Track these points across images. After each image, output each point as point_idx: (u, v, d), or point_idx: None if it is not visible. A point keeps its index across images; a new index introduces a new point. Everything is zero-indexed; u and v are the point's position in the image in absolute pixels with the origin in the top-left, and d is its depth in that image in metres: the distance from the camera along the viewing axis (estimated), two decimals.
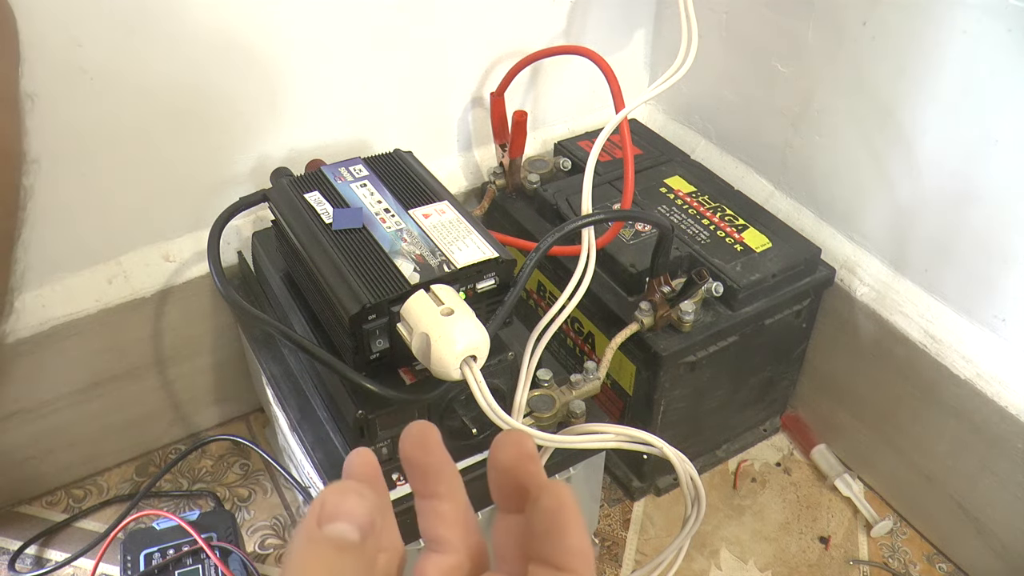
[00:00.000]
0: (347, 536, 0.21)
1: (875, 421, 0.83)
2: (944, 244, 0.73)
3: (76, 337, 0.76)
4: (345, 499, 0.22)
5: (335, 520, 0.21)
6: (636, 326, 0.72)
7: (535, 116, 0.94)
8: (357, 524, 0.22)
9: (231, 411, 0.92)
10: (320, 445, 0.65)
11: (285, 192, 0.66)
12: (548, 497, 0.24)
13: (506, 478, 0.26)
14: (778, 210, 0.85)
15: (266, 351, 0.73)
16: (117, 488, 0.85)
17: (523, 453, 0.26)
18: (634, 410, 0.79)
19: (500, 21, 0.85)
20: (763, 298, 0.76)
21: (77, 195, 0.72)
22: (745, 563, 0.80)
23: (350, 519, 0.22)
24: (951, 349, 0.73)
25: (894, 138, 0.74)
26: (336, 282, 0.58)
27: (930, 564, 0.80)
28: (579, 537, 0.24)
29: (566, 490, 0.25)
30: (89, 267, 0.76)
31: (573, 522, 0.24)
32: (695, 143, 0.96)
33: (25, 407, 0.77)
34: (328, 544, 0.21)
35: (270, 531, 0.81)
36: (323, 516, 0.21)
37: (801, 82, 0.81)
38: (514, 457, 0.26)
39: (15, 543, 0.78)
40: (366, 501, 0.22)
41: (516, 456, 0.26)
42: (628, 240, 0.79)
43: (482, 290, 0.59)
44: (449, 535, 0.27)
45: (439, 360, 0.51)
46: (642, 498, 0.85)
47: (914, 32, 0.69)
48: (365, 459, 0.27)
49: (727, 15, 0.86)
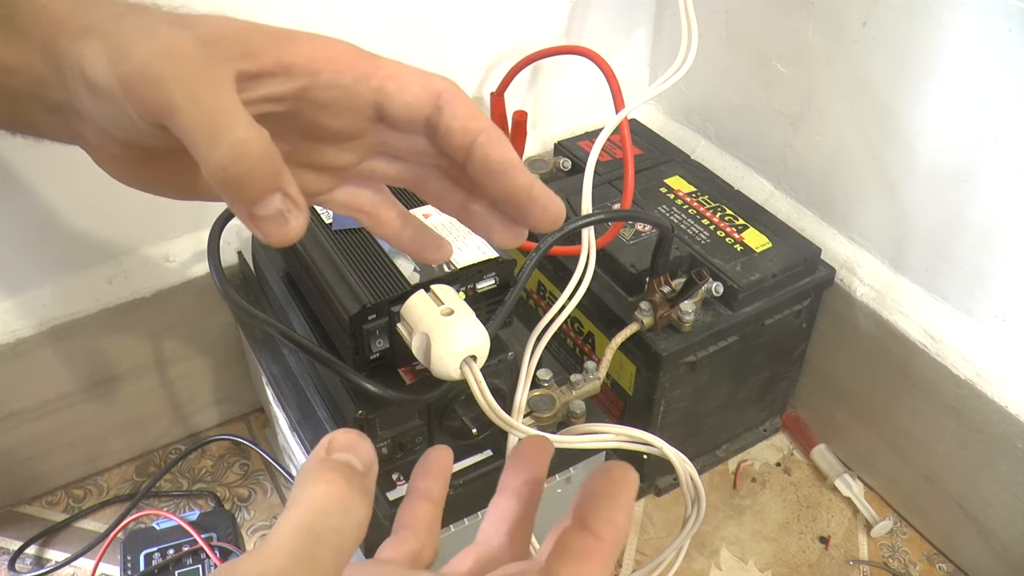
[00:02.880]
0: (353, 463, 0.23)
1: (875, 421, 0.83)
2: (944, 244, 0.73)
3: (76, 337, 0.76)
4: (350, 437, 0.24)
5: (342, 451, 0.24)
6: (636, 326, 0.72)
7: (535, 116, 0.94)
8: (360, 459, 0.24)
9: (231, 411, 0.92)
10: None
11: None
12: (619, 470, 0.27)
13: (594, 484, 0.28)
14: (778, 210, 0.85)
15: (266, 351, 0.73)
16: (117, 488, 0.85)
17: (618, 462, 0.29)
18: (634, 410, 0.79)
19: (500, 21, 0.85)
20: (763, 298, 0.76)
21: (77, 195, 0.72)
22: (745, 563, 0.80)
23: (355, 453, 0.24)
24: (951, 349, 0.73)
25: (894, 138, 0.74)
26: (336, 282, 0.58)
27: (930, 564, 0.80)
28: (624, 515, 0.26)
29: (635, 476, 0.27)
30: (89, 267, 0.76)
31: (626, 501, 0.26)
32: (695, 143, 0.96)
33: (25, 407, 0.77)
34: (336, 466, 0.23)
35: (270, 531, 0.81)
36: (332, 447, 0.24)
37: (801, 82, 0.81)
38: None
39: (15, 543, 0.79)
40: (368, 444, 0.24)
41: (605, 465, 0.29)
42: (628, 240, 0.79)
43: (482, 290, 0.59)
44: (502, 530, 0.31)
45: (439, 360, 0.51)
46: (642, 498, 0.85)
47: (914, 32, 0.69)
48: (444, 455, 0.32)
49: (727, 15, 0.86)
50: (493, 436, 0.64)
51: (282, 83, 0.28)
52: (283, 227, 0.26)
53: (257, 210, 0.26)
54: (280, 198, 0.26)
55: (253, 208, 0.26)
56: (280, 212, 0.26)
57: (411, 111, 0.29)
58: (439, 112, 0.29)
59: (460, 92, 0.30)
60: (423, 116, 0.29)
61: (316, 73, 0.28)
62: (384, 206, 0.34)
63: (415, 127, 0.30)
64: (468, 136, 0.29)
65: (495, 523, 0.31)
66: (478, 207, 0.33)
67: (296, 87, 0.28)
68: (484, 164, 0.29)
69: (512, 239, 0.33)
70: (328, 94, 0.29)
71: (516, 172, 0.30)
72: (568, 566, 0.24)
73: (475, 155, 0.29)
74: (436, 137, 0.30)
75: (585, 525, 0.25)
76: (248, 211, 0.26)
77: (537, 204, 0.30)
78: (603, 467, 0.27)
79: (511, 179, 0.29)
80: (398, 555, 0.29)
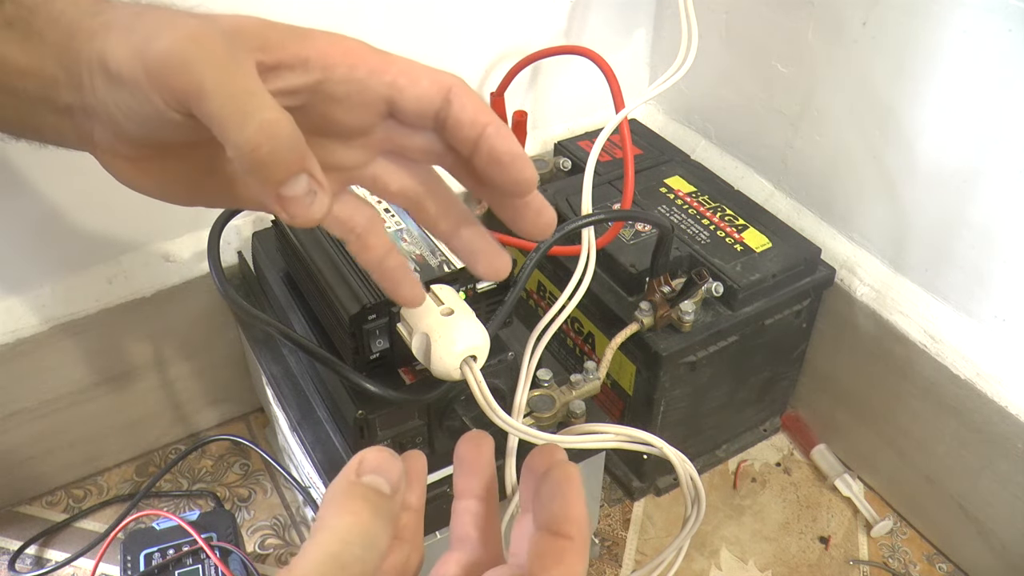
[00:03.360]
0: (381, 487, 0.25)
1: (875, 421, 0.83)
2: (944, 244, 0.73)
3: (76, 337, 0.76)
4: (382, 457, 0.25)
5: (372, 473, 0.25)
6: (636, 326, 0.72)
7: (535, 116, 0.94)
8: (389, 480, 0.25)
9: (231, 411, 0.92)
10: (320, 445, 0.65)
11: None
12: (558, 470, 0.28)
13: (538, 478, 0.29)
14: (778, 210, 0.85)
15: (266, 351, 0.73)
16: (117, 488, 0.85)
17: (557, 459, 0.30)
18: (634, 410, 0.79)
19: (500, 21, 0.85)
20: (763, 298, 0.76)
21: (77, 195, 0.72)
22: (745, 563, 0.80)
23: (385, 474, 0.25)
24: (951, 349, 0.73)
25: (894, 138, 0.74)
26: (336, 282, 0.58)
27: (930, 564, 0.80)
28: (579, 508, 0.27)
29: (574, 468, 0.28)
30: (89, 267, 0.76)
31: (575, 495, 0.27)
32: (695, 143, 0.96)
33: (25, 407, 0.77)
34: (364, 491, 0.24)
35: (270, 531, 0.81)
36: (362, 468, 0.25)
37: (801, 82, 0.81)
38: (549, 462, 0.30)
39: (15, 543, 0.79)
40: (398, 463, 0.26)
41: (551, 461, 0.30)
42: (628, 240, 0.79)
43: (482, 290, 0.59)
44: (475, 534, 0.31)
45: (439, 360, 0.51)
46: (642, 498, 0.85)
47: (914, 32, 0.69)
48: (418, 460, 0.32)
49: (727, 15, 0.86)
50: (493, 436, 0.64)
51: (298, 76, 0.29)
52: (309, 208, 0.27)
53: (284, 191, 0.26)
54: (306, 179, 0.26)
55: (281, 189, 0.26)
56: (307, 192, 0.27)
57: (422, 104, 0.30)
58: (448, 106, 0.30)
59: (468, 88, 0.31)
60: (433, 110, 0.30)
61: (331, 67, 0.29)
62: (375, 233, 0.34)
63: (425, 121, 0.31)
64: (476, 128, 0.30)
65: (465, 528, 0.31)
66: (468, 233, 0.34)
67: (312, 80, 0.29)
68: (491, 155, 0.30)
69: (494, 271, 0.35)
70: (342, 88, 0.29)
71: (523, 164, 0.30)
72: (549, 569, 0.25)
73: (482, 147, 0.30)
74: (445, 130, 0.31)
75: (551, 531, 0.26)
76: (275, 192, 0.26)
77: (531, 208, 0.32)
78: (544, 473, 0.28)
79: (518, 170, 0.30)
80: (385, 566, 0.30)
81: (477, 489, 0.32)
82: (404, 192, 0.34)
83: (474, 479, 0.32)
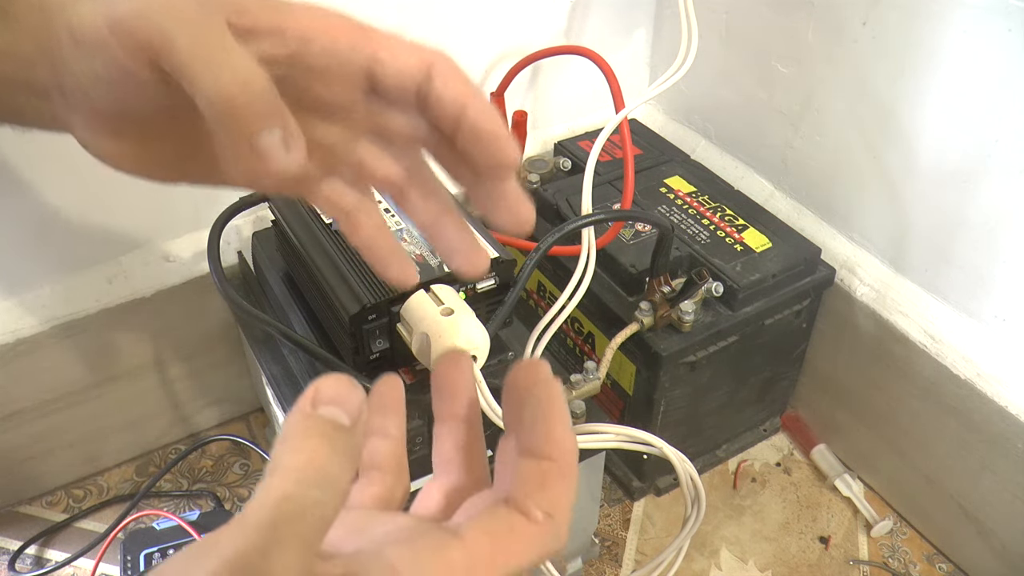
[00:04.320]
0: (339, 419, 0.22)
1: (875, 421, 0.83)
2: (944, 244, 0.73)
3: (76, 337, 0.76)
4: (339, 386, 0.23)
5: (329, 403, 0.22)
6: (636, 326, 0.72)
7: (535, 116, 0.94)
8: (348, 411, 0.22)
9: (231, 411, 0.92)
10: None
11: None
12: (541, 388, 0.26)
13: (521, 398, 0.27)
14: (778, 210, 0.85)
15: (266, 351, 0.73)
16: (117, 488, 0.85)
17: (541, 377, 0.27)
18: (634, 410, 0.79)
19: (500, 21, 0.85)
20: (763, 298, 0.76)
21: (77, 195, 0.72)
22: (745, 563, 0.80)
23: (343, 405, 0.22)
24: (951, 349, 0.73)
25: (894, 138, 0.74)
26: (336, 282, 0.58)
27: (930, 564, 0.80)
28: (563, 429, 0.25)
29: (557, 387, 0.26)
30: (89, 267, 0.76)
31: (558, 416, 0.26)
32: (695, 143, 0.96)
33: (25, 407, 0.77)
34: (320, 424, 0.22)
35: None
36: (318, 399, 0.22)
37: (801, 82, 0.81)
38: (532, 380, 0.27)
39: (15, 543, 0.79)
40: (358, 392, 0.23)
41: (534, 379, 0.27)
42: (628, 240, 0.79)
43: (482, 290, 0.59)
44: (458, 458, 0.29)
45: None
46: (642, 498, 0.85)
47: (914, 32, 0.69)
48: (393, 387, 0.30)
49: (727, 15, 0.86)
50: (493, 436, 0.64)
51: (274, 46, 0.28)
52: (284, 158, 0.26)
53: (258, 141, 0.25)
54: (280, 132, 0.25)
55: (254, 139, 0.25)
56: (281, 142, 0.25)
57: (403, 78, 0.29)
58: (430, 81, 0.29)
59: (453, 63, 0.30)
60: (415, 84, 0.29)
61: (309, 40, 0.28)
62: (365, 212, 0.34)
63: (407, 96, 0.30)
64: (458, 106, 0.29)
65: (448, 452, 0.30)
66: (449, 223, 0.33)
67: (288, 51, 0.28)
68: (472, 132, 0.29)
69: (472, 268, 0.33)
70: (321, 61, 0.28)
71: (504, 143, 0.29)
72: (532, 495, 0.24)
73: (464, 125, 0.29)
74: (427, 108, 0.30)
75: (532, 454, 0.25)
76: (248, 143, 0.25)
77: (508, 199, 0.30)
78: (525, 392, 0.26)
79: (499, 148, 0.29)
80: (367, 499, 0.28)
81: (458, 409, 0.30)
82: (390, 178, 0.33)
83: (455, 400, 0.30)
